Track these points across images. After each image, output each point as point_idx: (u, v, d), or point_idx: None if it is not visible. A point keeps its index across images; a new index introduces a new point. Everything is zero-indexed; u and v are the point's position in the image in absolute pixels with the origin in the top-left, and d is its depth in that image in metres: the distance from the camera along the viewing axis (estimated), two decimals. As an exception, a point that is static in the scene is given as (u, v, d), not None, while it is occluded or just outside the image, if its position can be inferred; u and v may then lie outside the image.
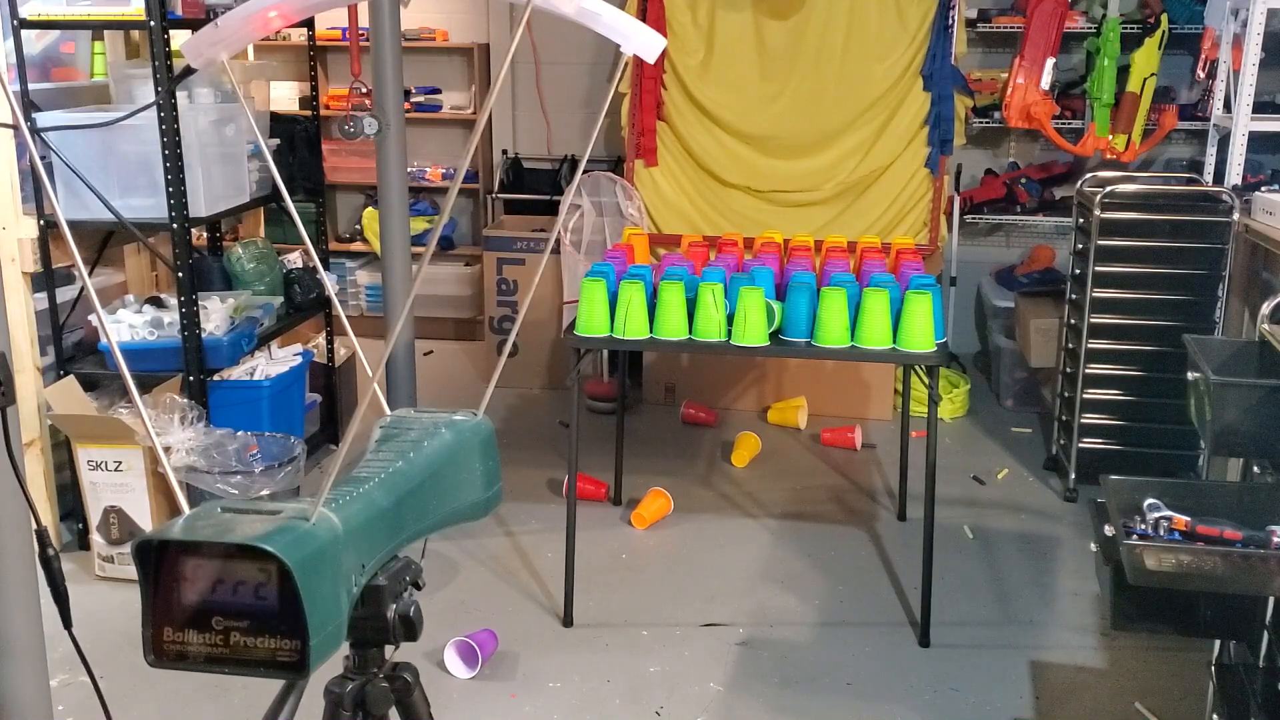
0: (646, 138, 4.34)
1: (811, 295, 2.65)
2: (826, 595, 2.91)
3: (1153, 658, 2.62)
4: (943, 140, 4.16)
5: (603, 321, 2.68)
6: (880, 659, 2.60)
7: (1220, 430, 2.32)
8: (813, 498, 3.53)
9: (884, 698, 2.45)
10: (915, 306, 2.56)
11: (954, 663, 2.59)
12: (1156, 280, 3.30)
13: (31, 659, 1.71)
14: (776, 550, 3.16)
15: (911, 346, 2.57)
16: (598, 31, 1.11)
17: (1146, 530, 2.01)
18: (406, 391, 3.14)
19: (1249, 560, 1.95)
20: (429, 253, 1.08)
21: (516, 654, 2.59)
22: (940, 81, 4.11)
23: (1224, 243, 3.22)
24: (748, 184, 4.32)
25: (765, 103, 4.26)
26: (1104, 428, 3.41)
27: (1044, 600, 2.89)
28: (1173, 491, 2.11)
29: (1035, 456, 3.84)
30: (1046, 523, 3.35)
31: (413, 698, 1.09)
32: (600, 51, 4.84)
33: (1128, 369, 3.37)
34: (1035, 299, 4.19)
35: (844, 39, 4.17)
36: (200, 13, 2.99)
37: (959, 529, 3.29)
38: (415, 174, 5.00)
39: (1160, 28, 4.02)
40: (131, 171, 2.96)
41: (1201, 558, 1.94)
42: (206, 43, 1.13)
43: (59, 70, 3.35)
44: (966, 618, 2.79)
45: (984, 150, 4.73)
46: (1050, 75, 4.08)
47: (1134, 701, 2.44)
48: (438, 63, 5.11)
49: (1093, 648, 2.67)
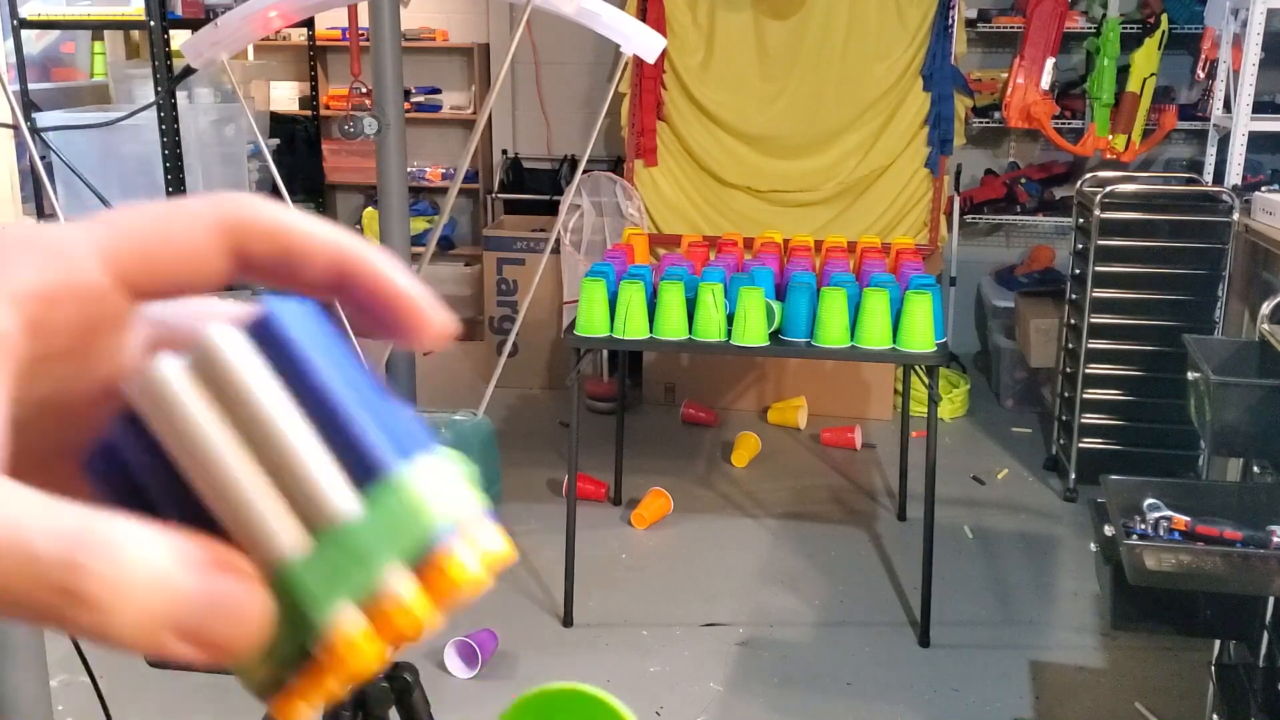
0: (646, 137, 4.34)
1: (811, 295, 2.65)
2: (826, 595, 2.90)
3: (1153, 658, 2.61)
4: (943, 140, 4.16)
5: (603, 321, 2.67)
6: (880, 659, 2.60)
7: (1220, 430, 2.32)
8: (813, 498, 3.53)
9: (884, 698, 2.44)
10: (915, 306, 2.55)
11: (954, 663, 2.59)
12: (1156, 280, 3.30)
13: (31, 659, 1.70)
14: (776, 550, 3.16)
15: (911, 346, 2.57)
16: (598, 31, 1.11)
17: (1146, 530, 2.01)
18: (406, 391, 3.14)
19: (1249, 560, 1.95)
20: (429, 252, 1.08)
21: (516, 654, 2.59)
22: (940, 81, 4.11)
23: (1224, 243, 3.21)
24: (748, 184, 4.32)
25: (765, 103, 4.26)
26: (1104, 428, 3.41)
27: (1044, 600, 2.89)
28: (1172, 491, 2.11)
29: (1035, 456, 3.83)
30: (1046, 523, 3.35)
31: (413, 698, 1.08)
32: (600, 51, 4.83)
33: (1128, 369, 3.36)
34: (1035, 299, 4.19)
35: (844, 39, 4.17)
36: (200, 13, 2.99)
37: (959, 529, 3.29)
38: (415, 174, 5.00)
39: (1160, 28, 4.02)
40: (131, 171, 2.96)
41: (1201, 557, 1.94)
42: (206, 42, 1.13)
43: (59, 70, 3.35)
44: (966, 618, 2.79)
45: (984, 150, 4.73)
46: (1050, 75, 4.08)
47: (1134, 701, 2.43)
48: (438, 62, 5.10)
49: (1093, 648, 2.67)
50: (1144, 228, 3.30)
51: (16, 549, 0.20)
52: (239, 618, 0.22)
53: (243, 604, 0.22)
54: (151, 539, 0.21)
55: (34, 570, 0.20)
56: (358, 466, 0.23)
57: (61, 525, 0.20)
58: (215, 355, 0.23)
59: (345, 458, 0.23)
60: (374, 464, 0.23)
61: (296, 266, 0.25)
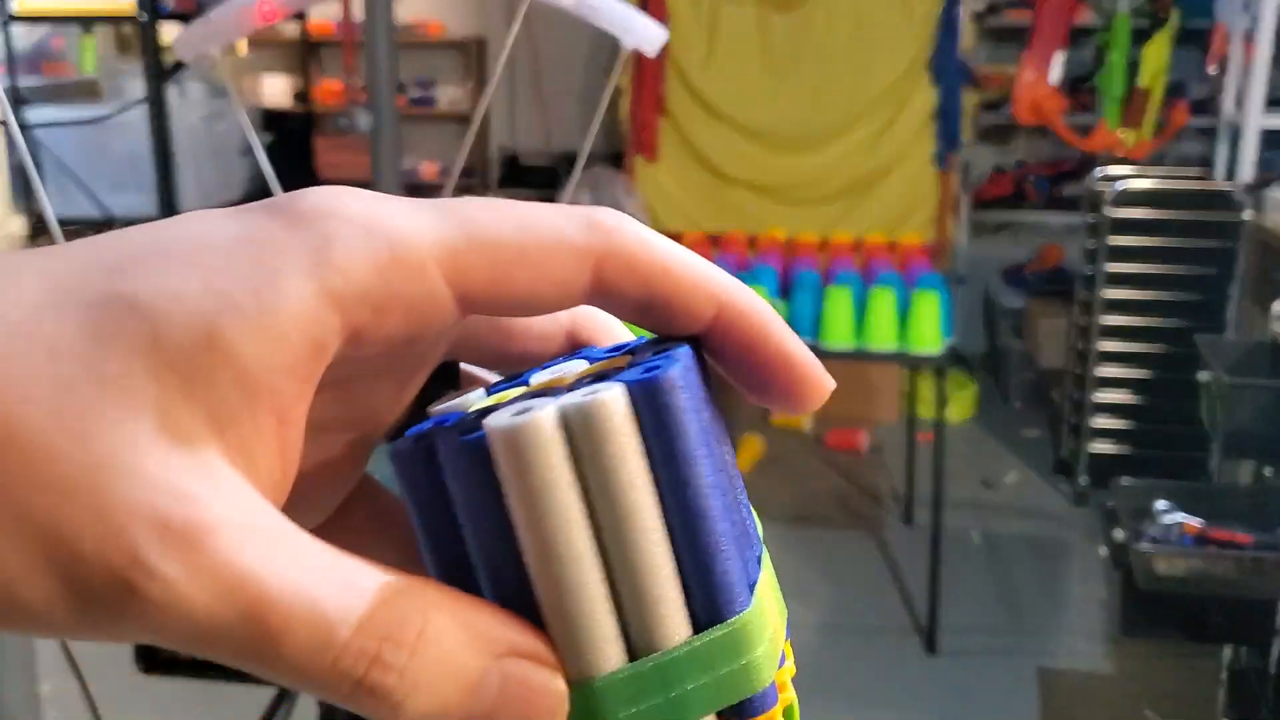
0: (647, 133, 4.29)
1: (816, 294, 2.60)
2: (831, 600, 2.87)
3: (1163, 664, 2.58)
4: (950, 136, 4.11)
5: (603, 321, 2.62)
6: (886, 666, 2.56)
7: (1232, 432, 2.28)
8: (817, 501, 3.48)
9: (890, 705, 2.41)
10: (922, 306, 2.51)
11: (961, 669, 2.55)
12: (1167, 279, 3.25)
13: (20, 665, 1.68)
14: (781, 555, 3.10)
15: (918, 347, 2.53)
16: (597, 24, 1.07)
17: (1157, 534, 1.97)
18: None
19: (1260, 564, 1.91)
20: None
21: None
22: (947, 76, 4.06)
23: (1235, 241, 3.17)
24: (751, 179, 4.27)
25: (769, 97, 4.21)
26: (1114, 430, 3.37)
27: (1053, 606, 2.85)
28: (1183, 495, 2.07)
29: (1044, 459, 3.78)
30: (1055, 527, 3.31)
31: None
32: (600, 45, 4.78)
33: (1138, 370, 3.32)
34: (1045, 299, 4.15)
35: (849, 31, 4.12)
36: (191, 6, 2.94)
37: (966, 533, 3.24)
38: (410, 170, 4.95)
39: (1171, 22, 3.97)
40: (121, 167, 2.92)
41: (1212, 562, 1.90)
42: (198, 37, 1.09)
43: (49, 65, 3.31)
44: (974, 624, 2.75)
45: (992, 147, 4.68)
46: (1059, 70, 4.03)
47: (1144, 708, 2.40)
48: (433, 57, 5.05)
49: (1102, 654, 2.63)
50: (1154, 226, 3.26)
51: (314, 630, 0.17)
52: (533, 714, 0.19)
53: (540, 702, 0.19)
54: (456, 619, 0.19)
55: (326, 659, 0.17)
56: (704, 596, 0.20)
57: (362, 606, 0.18)
58: (600, 423, 0.19)
59: (695, 580, 0.20)
60: (723, 603, 0.20)
61: (669, 313, 0.22)
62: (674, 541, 0.20)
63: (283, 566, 0.17)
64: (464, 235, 0.19)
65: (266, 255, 0.18)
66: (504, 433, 0.19)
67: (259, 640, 0.17)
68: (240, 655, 0.17)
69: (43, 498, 0.16)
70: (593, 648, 0.20)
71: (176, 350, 0.17)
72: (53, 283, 0.18)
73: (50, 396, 0.17)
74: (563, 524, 0.19)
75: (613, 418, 0.19)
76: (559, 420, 0.19)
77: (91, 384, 0.17)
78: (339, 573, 0.18)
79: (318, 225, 0.18)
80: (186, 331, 0.17)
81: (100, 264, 0.18)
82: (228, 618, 0.17)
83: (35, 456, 0.16)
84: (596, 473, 0.19)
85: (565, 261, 0.20)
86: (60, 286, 0.18)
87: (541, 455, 0.19)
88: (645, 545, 0.20)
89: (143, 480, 0.17)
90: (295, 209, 0.19)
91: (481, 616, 0.19)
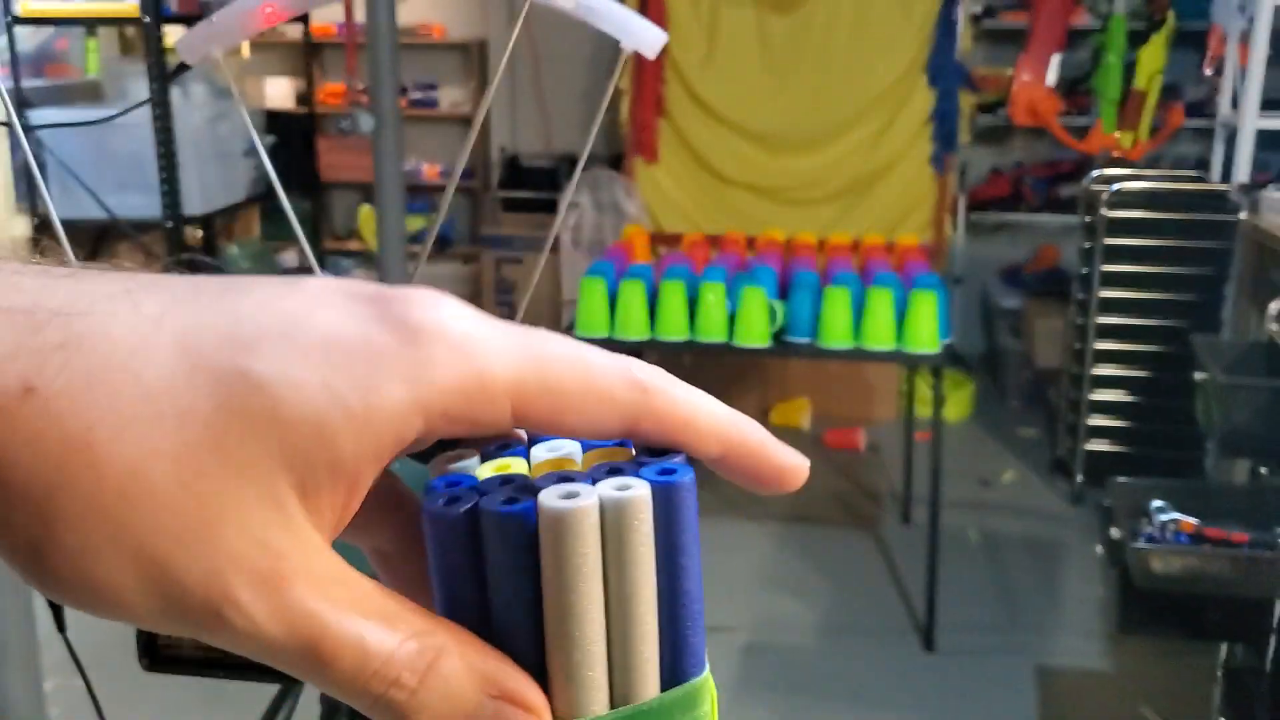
0: (647, 134, 4.30)
1: (815, 295, 2.62)
2: (830, 599, 2.87)
3: (1159, 662, 2.59)
4: (948, 137, 4.13)
5: (602, 321, 2.64)
6: (884, 664, 2.57)
7: (1228, 432, 2.29)
8: (816, 501, 3.49)
9: (888, 703, 2.42)
10: (920, 306, 2.52)
11: (959, 668, 2.56)
12: (1163, 280, 3.27)
13: (24, 662, 1.68)
14: (779, 554, 3.13)
15: (916, 347, 2.54)
16: (597, 26, 1.08)
17: (1153, 533, 1.98)
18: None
19: (1256, 562, 1.92)
20: (426, 251, 1.05)
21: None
22: (945, 77, 4.08)
23: (1231, 242, 3.18)
24: (750, 181, 4.28)
25: (768, 98, 4.23)
26: (1111, 430, 3.38)
27: (1050, 604, 2.86)
28: (1180, 494, 2.08)
29: (1041, 458, 3.80)
30: (1052, 526, 3.32)
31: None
32: (600, 47, 4.80)
33: (1135, 370, 3.33)
34: (1042, 299, 4.16)
35: (848, 33, 4.14)
36: (195, 8, 2.96)
37: (964, 532, 3.26)
38: (412, 171, 4.97)
39: (1167, 24, 3.98)
40: (125, 169, 2.93)
41: (1208, 560, 1.92)
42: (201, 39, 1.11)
43: (53, 67, 3.32)
44: (972, 622, 2.76)
45: (989, 148, 4.70)
46: (1056, 72, 4.05)
47: (1140, 706, 2.41)
48: (435, 58, 5.07)
49: (1099, 652, 2.64)
50: (1151, 226, 3.27)
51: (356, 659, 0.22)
52: None
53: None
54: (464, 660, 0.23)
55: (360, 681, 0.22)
56: (672, 660, 0.25)
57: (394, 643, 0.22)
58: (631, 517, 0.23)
59: (668, 646, 0.25)
60: (689, 667, 0.25)
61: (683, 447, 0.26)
62: (664, 617, 0.25)
63: (340, 607, 0.22)
64: (537, 377, 0.23)
65: (375, 364, 0.22)
66: (556, 514, 0.23)
67: (312, 663, 0.22)
68: (294, 669, 0.22)
69: (158, 539, 0.21)
70: (587, 695, 0.24)
71: (289, 432, 0.21)
72: (186, 347, 0.21)
73: (177, 456, 0.21)
74: (587, 591, 0.23)
75: (641, 513, 0.23)
76: (599, 508, 0.23)
77: (212, 450, 0.21)
78: (380, 613, 0.22)
79: (424, 346, 0.22)
80: (301, 419, 0.21)
81: (233, 338, 0.22)
82: (292, 646, 0.21)
83: (157, 505, 0.21)
84: (618, 554, 0.23)
85: (608, 414, 0.24)
86: (194, 351, 0.21)
87: (582, 537, 0.23)
88: (644, 616, 0.24)
89: (245, 536, 0.21)
90: (409, 324, 0.23)
91: (486, 661, 0.23)
